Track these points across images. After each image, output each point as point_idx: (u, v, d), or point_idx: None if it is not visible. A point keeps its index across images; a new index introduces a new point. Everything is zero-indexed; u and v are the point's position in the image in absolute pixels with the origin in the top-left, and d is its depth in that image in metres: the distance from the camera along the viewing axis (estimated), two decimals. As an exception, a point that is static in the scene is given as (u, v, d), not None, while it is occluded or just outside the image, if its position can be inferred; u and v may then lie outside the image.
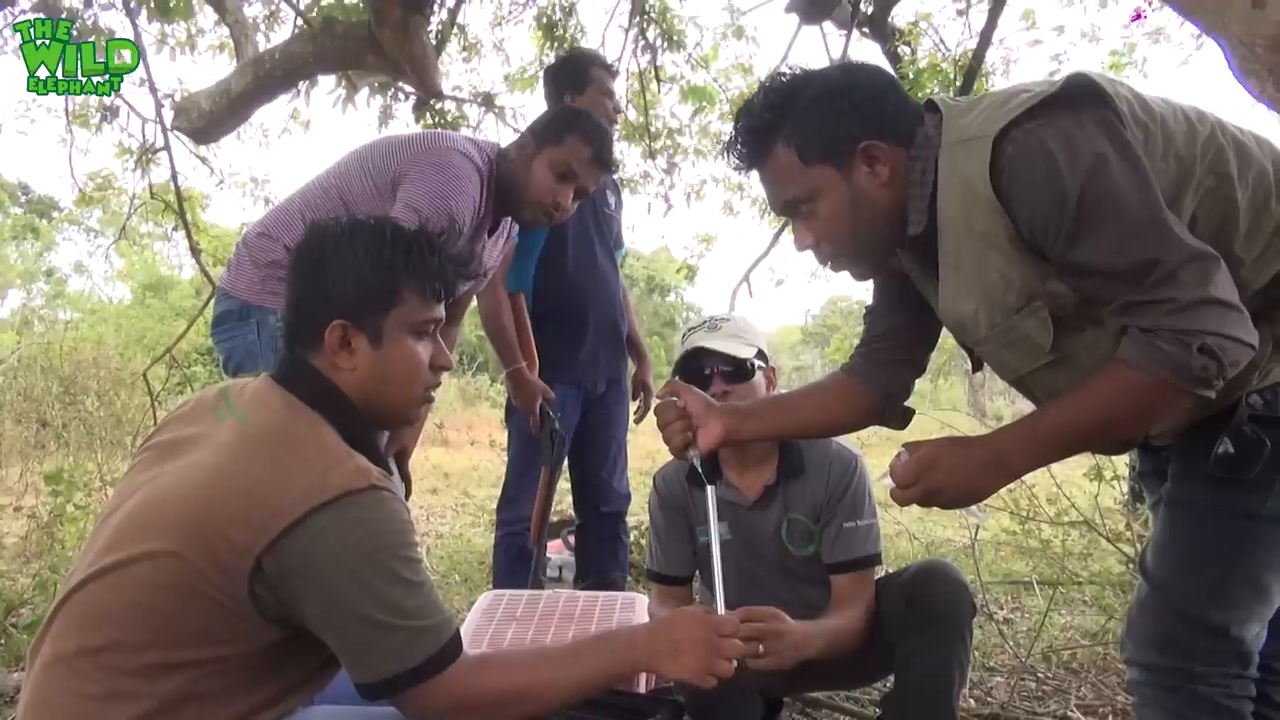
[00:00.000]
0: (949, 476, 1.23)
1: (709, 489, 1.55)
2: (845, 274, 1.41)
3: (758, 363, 1.87)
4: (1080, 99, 1.17)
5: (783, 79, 1.33)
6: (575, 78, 2.75)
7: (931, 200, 1.25)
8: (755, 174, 1.38)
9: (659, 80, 5.75)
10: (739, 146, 1.35)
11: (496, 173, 2.10)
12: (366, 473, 1.16)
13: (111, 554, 1.13)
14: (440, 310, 1.32)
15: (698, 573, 2.00)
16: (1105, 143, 1.13)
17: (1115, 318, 1.15)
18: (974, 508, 1.32)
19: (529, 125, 2.19)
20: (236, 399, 1.27)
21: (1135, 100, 1.20)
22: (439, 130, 2.98)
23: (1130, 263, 1.11)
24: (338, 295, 1.25)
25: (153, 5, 4.26)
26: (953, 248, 1.24)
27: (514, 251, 2.63)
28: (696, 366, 1.84)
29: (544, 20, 5.38)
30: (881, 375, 1.55)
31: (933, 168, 1.24)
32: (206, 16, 4.94)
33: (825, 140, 1.27)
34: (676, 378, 1.81)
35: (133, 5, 4.24)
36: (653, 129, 5.95)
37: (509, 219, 2.27)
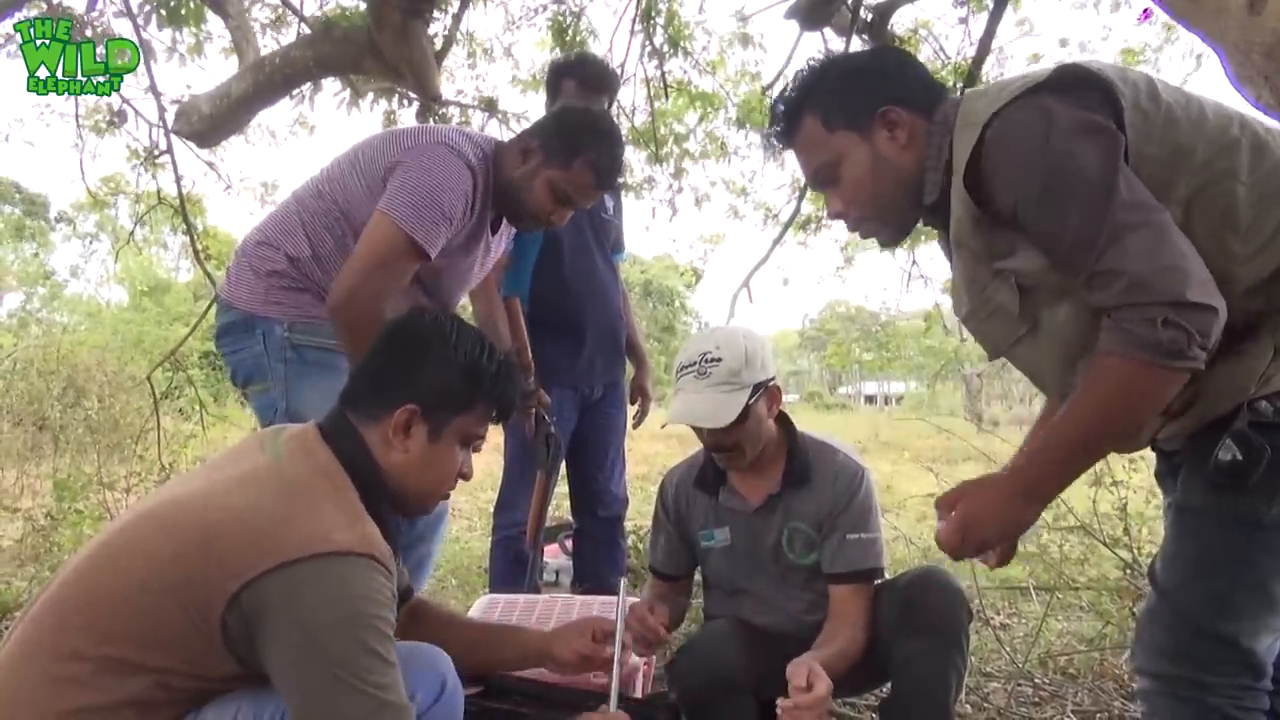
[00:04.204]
0: (990, 525, 1.28)
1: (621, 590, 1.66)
2: (870, 245, 1.50)
3: (752, 399, 1.78)
4: (1067, 84, 1.21)
5: (814, 62, 1.42)
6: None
7: (947, 177, 1.30)
8: (759, 180, 1.45)
9: (667, 88, 5.75)
10: (775, 125, 1.44)
11: (496, 174, 2.03)
12: (372, 543, 1.18)
13: (113, 545, 1.16)
14: (487, 431, 1.42)
15: (699, 567, 2.04)
16: (1078, 120, 1.18)
17: (1083, 292, 1.19)
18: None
19: (539, 126, 2.07)
20: (283, 442, 1.31)
21: (1144, 86, 1.22)
22: (429, 125, 2.91)
23: (1085, 232, 1.15)
24: (425, 384, 1.33)
25: (163, 13, 4.29)
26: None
27: (509, 256, 2.62)
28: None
29: (555, 25, 5.39)
30: None
31: (948, 146, 1.30)
32: (217, 23, 4.94)
33: (846, 107, 1.36)
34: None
35: (142, 11, 4.26)
36: (659, 134, 5.95)
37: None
